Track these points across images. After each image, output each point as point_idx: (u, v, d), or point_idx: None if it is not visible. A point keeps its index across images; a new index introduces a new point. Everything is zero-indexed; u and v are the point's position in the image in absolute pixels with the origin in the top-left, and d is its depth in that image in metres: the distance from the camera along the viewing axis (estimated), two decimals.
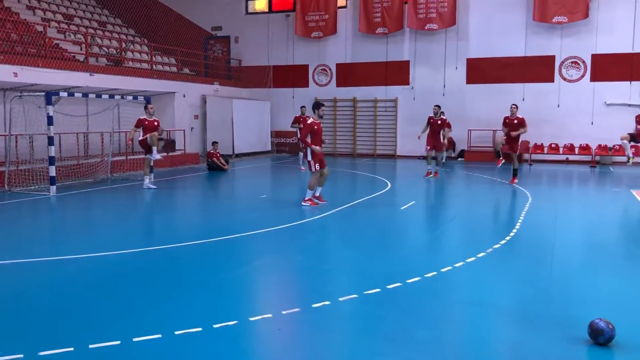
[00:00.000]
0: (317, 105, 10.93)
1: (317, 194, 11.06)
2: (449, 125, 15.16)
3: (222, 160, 18.21)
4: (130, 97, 16.55)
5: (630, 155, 12.15)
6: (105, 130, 17.05)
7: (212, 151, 18.30)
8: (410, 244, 8.24)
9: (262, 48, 25.97)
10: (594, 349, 4.20)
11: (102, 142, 17.42)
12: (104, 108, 16.35)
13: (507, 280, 6.19)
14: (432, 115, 15.72)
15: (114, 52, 19.75)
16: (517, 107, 14.51)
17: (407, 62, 23.76)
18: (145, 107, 13.83)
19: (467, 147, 22.67)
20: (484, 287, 5.87)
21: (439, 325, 4.77)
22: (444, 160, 19.37)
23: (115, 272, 6.41)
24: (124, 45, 20.60)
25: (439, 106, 15.79)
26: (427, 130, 15.72)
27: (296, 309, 5.07)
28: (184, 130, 21.25)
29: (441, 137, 15.82)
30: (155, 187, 13.73)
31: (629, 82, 20.62)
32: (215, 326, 4.62)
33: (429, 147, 15.71)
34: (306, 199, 10.96)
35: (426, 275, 6.12)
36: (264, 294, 5.99)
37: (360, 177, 17.15)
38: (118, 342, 4.28)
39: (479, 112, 21.88)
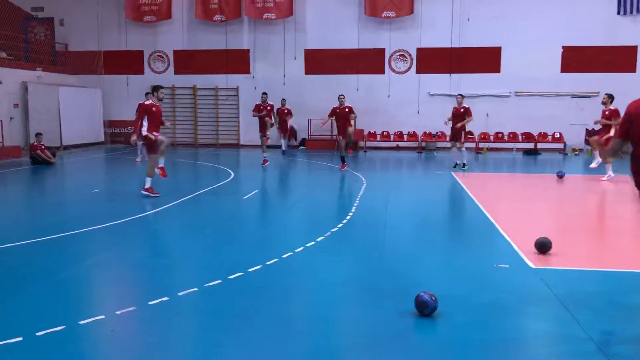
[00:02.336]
0: (156, 87, 10.81)
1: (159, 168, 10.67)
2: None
3: (48, 153, 16.69)
4: None
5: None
6: None
7: (35, 143, 16.68)
8: (252, 232, 8.25)
9: (91, 32, 24.21)
10: (420, 320, 4.54)
11: None
12: None
13: (343, 260, 6.46)
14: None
15: None
16: (344, 97, 15.26)
17: (247, 51, 23.72)
18: None
19: (308, 136, 23.30)
20: (322, 269, 6.07)
21: (280, 311, 4.83)
22: (284, 149, 19.70)
23: None
24: None
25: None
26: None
27: (131, 308, 4.81)
28: (1, 121, 19.12)
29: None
30: None
31: (448, 75, 22.62)
32: (38, 334, 4.22)
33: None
34: (146, 187, 10.50)
35: (267, 263, 6.16)
36: (96, 294, 5.60)
37: (202, 167, 16.81)
38: None
39: (318, 101, 22.54)
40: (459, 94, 16.16)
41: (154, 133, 10.45)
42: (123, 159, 18.91)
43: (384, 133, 23.02)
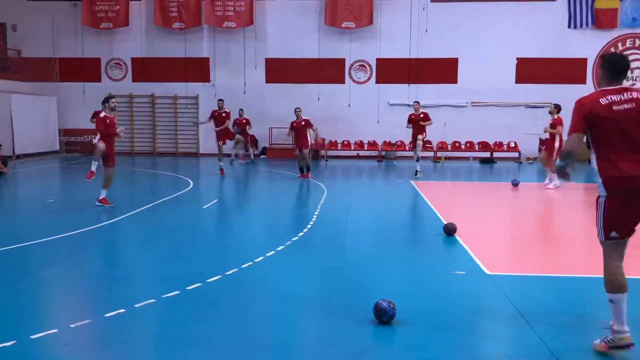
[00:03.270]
0: (106, 99, 10.64)
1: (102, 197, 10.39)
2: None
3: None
4: None
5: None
6: None
7: None
8: (211, 242, 8.18)
9: (46, 38, 23.64)
10: (379, 328, 4.59)
11: None
12: None
13: (303, 270, 6.47)
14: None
15: None
16: (300, 110, 15.55)
17: (207, 59, 23.59)
18: None
19: (269, 145, 23.27)
20: (282, 279, 6.07)
21: (240, 322, 4.80)
22: (233, 158, 19.61)
23: None
24: None
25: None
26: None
27: (87, 321, 4.70)
28: None
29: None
30: None
31: (407, 85, 22.99)
32: None
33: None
34: (100, 198, 10.30)
35: (227, 273, 6.12)
36: (50, 307, 5.44)
37: (161, 177, 16.58)
38: None
39: (279, 110, 22.53)
40: (415, 101, 16.45)
41: (99, 140, 10.33)
42: (78, 168, 18.47)
43: (345, 142, 23.19)
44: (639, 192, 3.88)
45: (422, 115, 15.77)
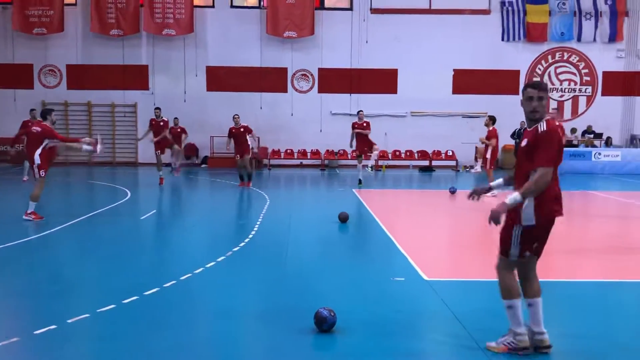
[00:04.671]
0: (47, 111, 10.34)
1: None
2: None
3: None
4: None
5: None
6: None
7: None
8: (149, 254, 7.99)
9: None
10: (319, 336, 4.60)
11: None
12: None
13: (244, 280, 6.41)
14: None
15: None
16: (239, 117, 15.49)
17: (146, 66, 23.09)
18: None
19: (210, 154, 22.98)
20: (222, 290, 5.99)
21: (178, 335, 4.69)
22: (174, 167, 19.25)
23: None
24: None
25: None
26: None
27: (14, 339, 4.48)
28: None
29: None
30: None
31: (349, 94, 23.26)
32: None
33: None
34: (29, 212, 9.85)
35: (165, 285, 5.98)
36: None
37: (97, 187, 16.06)
38: None
39: (221, 119, 22.22)
40: (360, 110, 16.62)
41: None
42: (9, 179, 17.65)
43: (288, 151, 23.20)
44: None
45: (365, 125, 15.94)
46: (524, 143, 4.09)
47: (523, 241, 4.05)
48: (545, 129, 3.96)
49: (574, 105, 23.71)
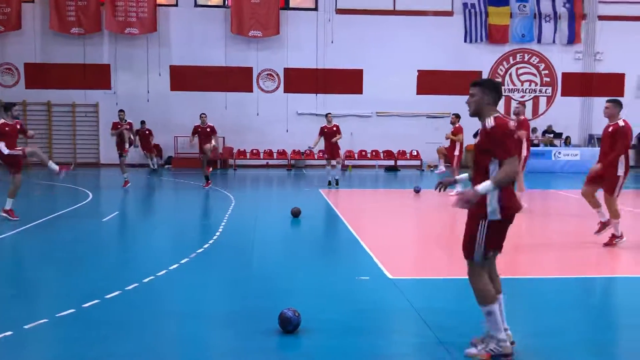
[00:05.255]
0: (7, 106, 10.11)
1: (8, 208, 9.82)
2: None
3: None
4: None
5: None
6: None
7: None
8: (111, 256, 7.82)
9: None
10: (284, 337, 4.58)
11: None
12: None
13: (208, 282, 6.34)
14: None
15: None
16: (206, 116, 15.37)
17: (108, 65, 22.66)
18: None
19: (175, 154, 22.69)
20: (185, 292, 5.91)
21: (141, 339, 4.61)
22: (153, 167, 19.02)
23: None
24: None
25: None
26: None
27: None
28: None
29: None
30: None
31: (315, 95, 23.29)
32: None
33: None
34: (6, 208, 9.68)
35: (127, 288, 5.87)
36: None
37: (58, 188, 15.67)
38: None
39: (185, 119, 21.96)
40: (328, 113, 16.58)
41: (17, 149, 9.91)
42: None
43: (254, 151, 23.08)
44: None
45: (334, 128, 15.87)
46: (477, 140, 4.19)
47: (488, 236, 4.06)
48: (493, 124, 4.04)
49: (535, 105, 24.25)
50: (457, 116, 14.51)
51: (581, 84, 24.13)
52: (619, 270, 7.39)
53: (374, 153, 23.39)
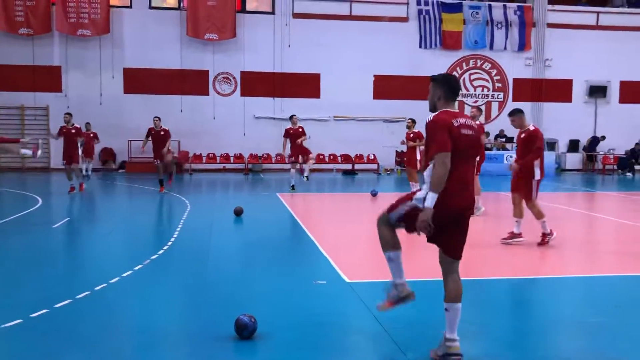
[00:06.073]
0: None
1: None
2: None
3: None
4: None
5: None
6: None
7: None
8: (61, 264, 7.59)
9: None
10: (240, 343, 4.52)
11: None
12: None
13: (162, 289, 6.22)
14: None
15: None
16: (159, 119, 15.13)
17: (59, 67, 22.03)
18: None
19: (128, 158, 22.22)
20: (139, 300, 5.78)
21: (91, 350, 4.47)
22: (89, 173, 18.51)
23: None
24: None
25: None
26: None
27: None
28: None
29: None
30: None
31: (272, 98, 23.23)
32: None
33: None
34: None
35: (78, 297, 5.69)
36: None
37: (4, 194, 15.11)
38: None
39: (139, 122, 21.52)
40: (293, 115, 16.55)
41: None
42: None
43: (210, 155, 22.83)
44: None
45: (300, 130, 15.88)
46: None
47: (408, 213, 4.07)
48: (430, 118, 4.06)
49: (487, 110, 24.84)
50: (414, 121, 14.70)
51: (531, 90, 24.87)
52: (542, 271, 7.56)
53: (331, 157, 23.49)
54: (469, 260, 4.25)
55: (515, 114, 8.51)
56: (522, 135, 8.45)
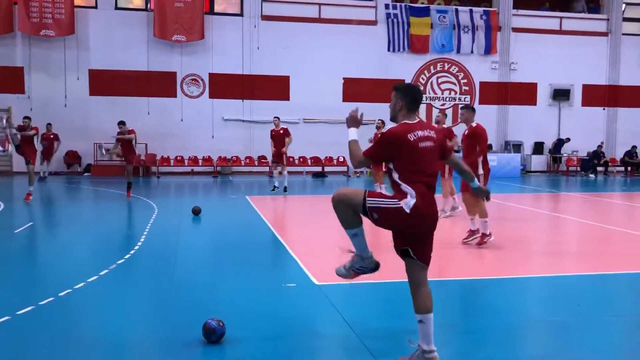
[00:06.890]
0: None
1: None
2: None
3: None
4: None
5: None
6: None
7: None
8: (24, 269, 7.39)
9: None
10: (208, 348, 4.48)
11: None
12: None
13: (129, 294, 6.12)
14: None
15: None
16: (124, 123, 14.70)
17: (21, 68, 21.51)
18: None
19: (94, 162, 21.83)
20: (105, 305, 5.68)
21: (56, 356, 4.38)
22: (42, 175, 18.11)
23: None
24: None
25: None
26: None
27: None
28: None
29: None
30: None
31: (241, 100, 23.11)
32: None
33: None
34: None
35: (41, 303, 5.56)
36: None
37: None
38: None
39: (105, 124, 21.21)
40: (275, 117, 16.56)
41: None
42: None
43: (178, 158, 22.58)
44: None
45: (282, 132, 15.98)
46: None
47: (386, 210, 4.03)
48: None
49: (455, 113, 25.15)
50: (383, 122, 14.83)
51: (497, 93, 25.31)
52: (480, 272, 7.69)
53: (301, 159, 23.47)
54: (434, 260, 4.29)
55: (465, 108, 8.83)
56: (466, 132, 8.72)
